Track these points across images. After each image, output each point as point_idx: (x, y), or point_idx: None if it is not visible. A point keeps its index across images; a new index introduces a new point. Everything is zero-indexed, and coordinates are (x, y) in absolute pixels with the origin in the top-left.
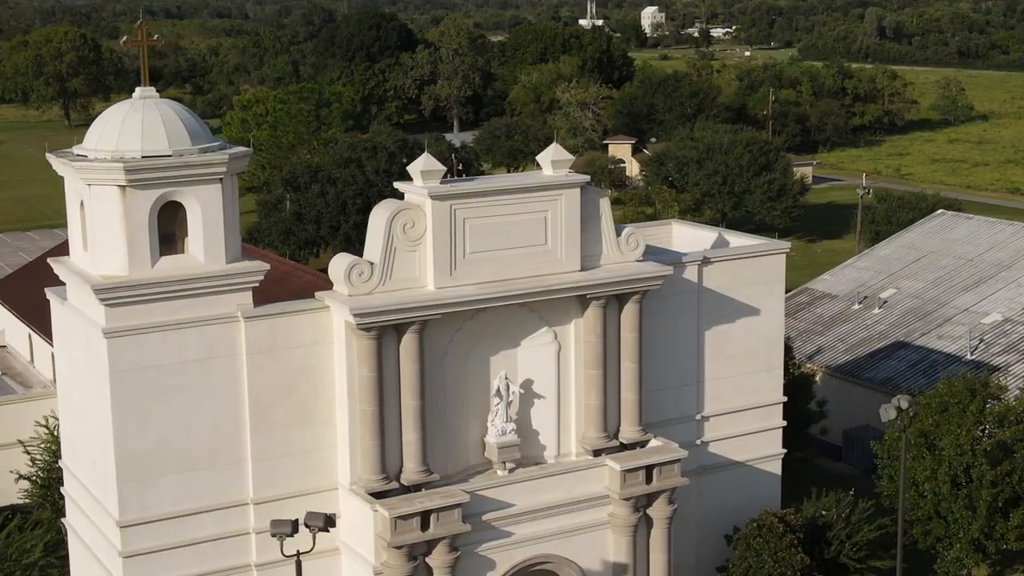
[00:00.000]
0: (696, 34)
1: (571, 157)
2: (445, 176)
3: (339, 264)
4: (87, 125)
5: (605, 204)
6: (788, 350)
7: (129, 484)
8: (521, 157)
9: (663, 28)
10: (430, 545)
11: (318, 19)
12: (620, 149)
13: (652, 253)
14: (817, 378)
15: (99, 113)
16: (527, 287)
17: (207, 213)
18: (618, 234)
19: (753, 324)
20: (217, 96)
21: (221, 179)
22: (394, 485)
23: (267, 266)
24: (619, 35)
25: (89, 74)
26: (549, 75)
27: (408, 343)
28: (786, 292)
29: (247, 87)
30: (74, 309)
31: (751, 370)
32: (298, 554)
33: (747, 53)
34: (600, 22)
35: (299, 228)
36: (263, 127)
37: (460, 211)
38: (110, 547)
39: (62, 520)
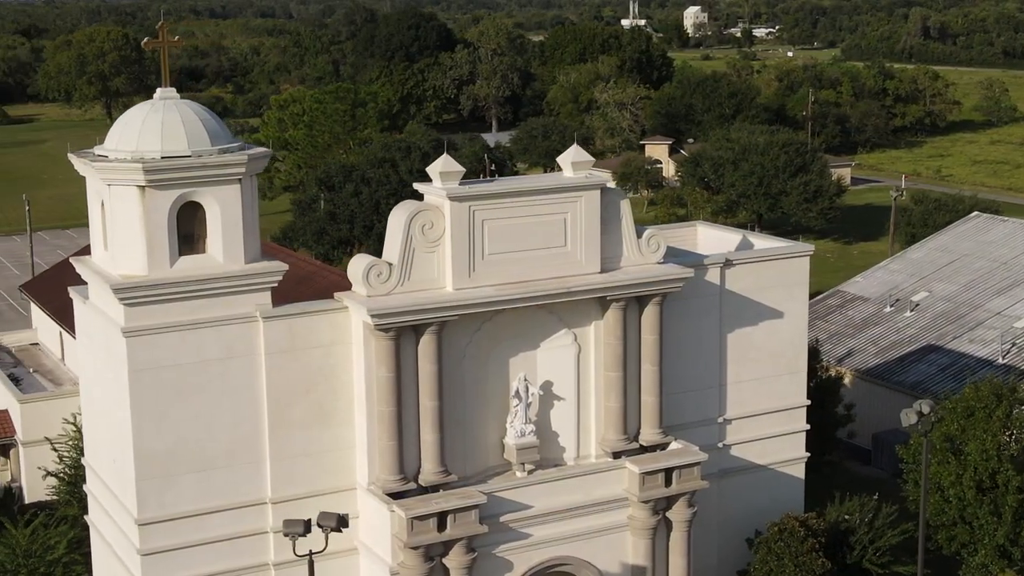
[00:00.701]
0: (738, 34)
1: (591, 159)
2: (479, 176)
3: (357, 265)
4: None
5: (625, 206)
6: (815, 353)
7: (147, 482)
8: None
9: (705, 28)
10: (447, 546)
11: (360, 18)
12: (657, 150)
13: (675, 255)
14: (847, 381)
15: None
16: (546, 289)
17: (226, 213)
18: (639, 236)
19: (776, 327)
20: (258, 95)
21: (240, 179)
22: (412, 486)
23: (285, 266)
24: (661, 35)
25: (131, 73)
26: (587, 75)
27: (426, 344)
28: (818, 294)
29: (287, 86)
30: (95, 308)
31: (774, 373)
32: (310, 554)
33: (790, 53)
34: (642, 22)
35: (333, 227)
36: (299, 127)
37: (479, 212)
38: (129, 545)
39: (85, 517)
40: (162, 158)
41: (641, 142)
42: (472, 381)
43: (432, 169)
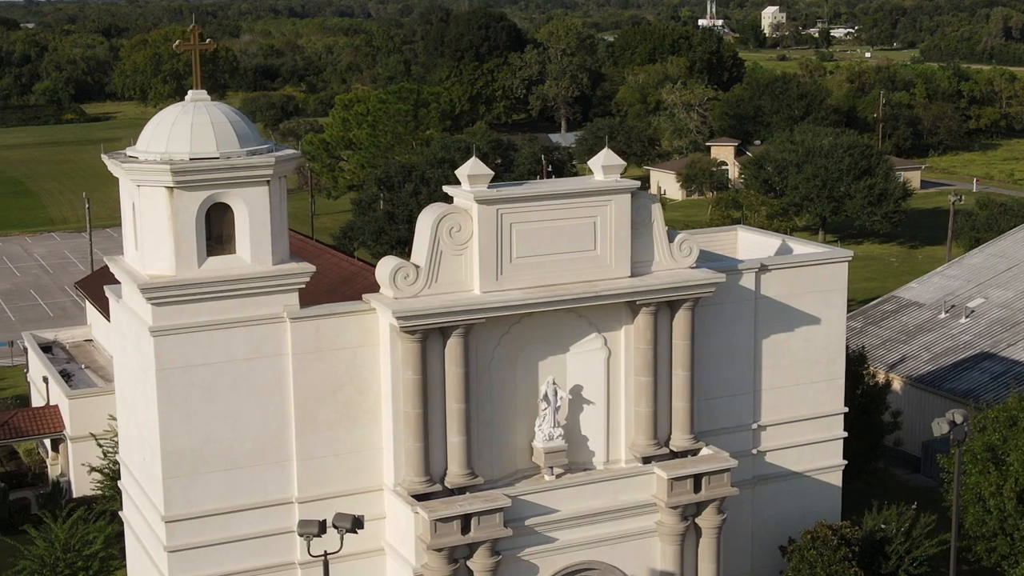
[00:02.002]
0: (816, 34)
1: (622, 163)
2: (536, 177)
3: (385, 267)
4: None
5: (657, 210)
6: (863, 359)
7: (174, 480)
8: (623, 158)
9: (783, 28)
10: (471, 548)
11: (435, 18)
12: (723, 151)
13: (711, 260)
14: (898, 388)
15: None
16: (574, 292)
17: (254, 215)
18: (671, 240)
19: (813, 333)
20: (329, 95)
21: (268, 181)
22: (438, 488)
23: (312, 268)
24: (737, 35)
25: (205, 72)
26: (656, 76)
27: (453, 347)
28: (876, 299)
29: (358, 86)
30: (127, 307)
31: (810, 380)
32: (325, 555)
33: (867, 54)
34: (720, 22)
35: (391, 227)
36: (363, 127)
37: (507, 216)
38: (157, 541)
39: (120, 513)
40: (190, 160)
41: (707, 143)
42: (500, 384)
43: (461, 172)
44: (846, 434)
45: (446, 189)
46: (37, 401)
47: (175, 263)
